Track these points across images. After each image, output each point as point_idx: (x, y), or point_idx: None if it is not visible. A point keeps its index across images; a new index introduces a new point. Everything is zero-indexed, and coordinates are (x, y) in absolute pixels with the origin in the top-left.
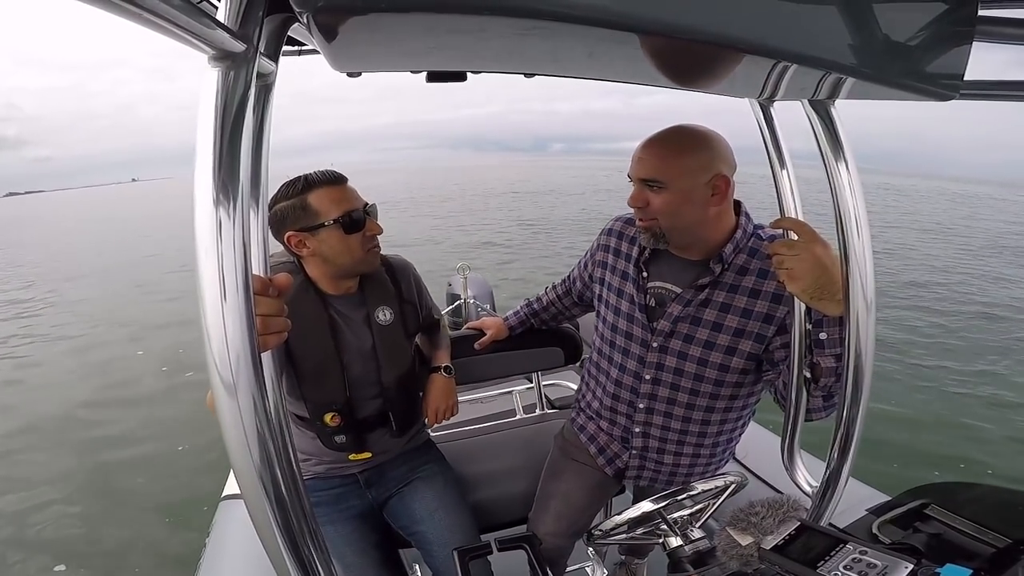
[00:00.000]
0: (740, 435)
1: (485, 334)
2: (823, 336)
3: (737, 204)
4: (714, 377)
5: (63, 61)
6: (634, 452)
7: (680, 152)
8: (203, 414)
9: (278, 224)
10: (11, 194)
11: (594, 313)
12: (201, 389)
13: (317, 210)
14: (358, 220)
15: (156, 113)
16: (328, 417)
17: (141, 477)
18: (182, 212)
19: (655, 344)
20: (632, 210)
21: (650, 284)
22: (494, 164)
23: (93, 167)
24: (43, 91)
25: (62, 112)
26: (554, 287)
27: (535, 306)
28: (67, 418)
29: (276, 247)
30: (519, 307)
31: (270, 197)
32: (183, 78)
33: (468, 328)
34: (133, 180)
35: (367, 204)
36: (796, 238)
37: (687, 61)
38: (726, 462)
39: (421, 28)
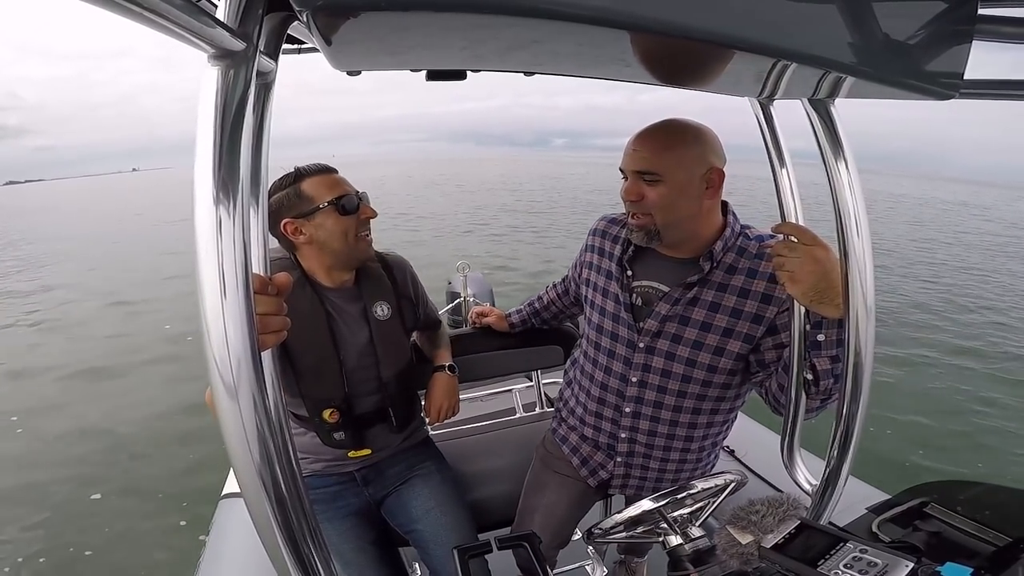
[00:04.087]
0: (728, 432)
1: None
2: (820, 338)
3: (724, 204)
4: (702, 378)
5: (67, 51)
6: (619, 460)
7: (675, 144)
8: None
9: (274, 215)
10: (11, 182)
11: None
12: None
13: (311, 196)
14: (351, 203)
15: (158, 104)
16: (327, 413)
17: None
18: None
19: (642, 344)
20: (621, 209)
21: (636, 283)
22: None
23: (94, 156)
24: (46, 81)
25: (64, 102)
26: (554, 286)
27: (536, 305)
28: None
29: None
30: (521, 305)
31: None
32: (186, 68)
33: (473, 315)
34: (133, 170)
35: (359, 191)
36: (797, 241)
37: (687, 60)
38: (713, 464)
39: (421, 27)
